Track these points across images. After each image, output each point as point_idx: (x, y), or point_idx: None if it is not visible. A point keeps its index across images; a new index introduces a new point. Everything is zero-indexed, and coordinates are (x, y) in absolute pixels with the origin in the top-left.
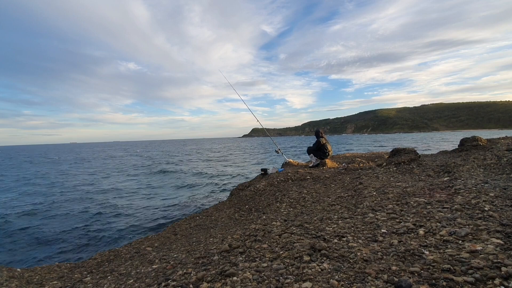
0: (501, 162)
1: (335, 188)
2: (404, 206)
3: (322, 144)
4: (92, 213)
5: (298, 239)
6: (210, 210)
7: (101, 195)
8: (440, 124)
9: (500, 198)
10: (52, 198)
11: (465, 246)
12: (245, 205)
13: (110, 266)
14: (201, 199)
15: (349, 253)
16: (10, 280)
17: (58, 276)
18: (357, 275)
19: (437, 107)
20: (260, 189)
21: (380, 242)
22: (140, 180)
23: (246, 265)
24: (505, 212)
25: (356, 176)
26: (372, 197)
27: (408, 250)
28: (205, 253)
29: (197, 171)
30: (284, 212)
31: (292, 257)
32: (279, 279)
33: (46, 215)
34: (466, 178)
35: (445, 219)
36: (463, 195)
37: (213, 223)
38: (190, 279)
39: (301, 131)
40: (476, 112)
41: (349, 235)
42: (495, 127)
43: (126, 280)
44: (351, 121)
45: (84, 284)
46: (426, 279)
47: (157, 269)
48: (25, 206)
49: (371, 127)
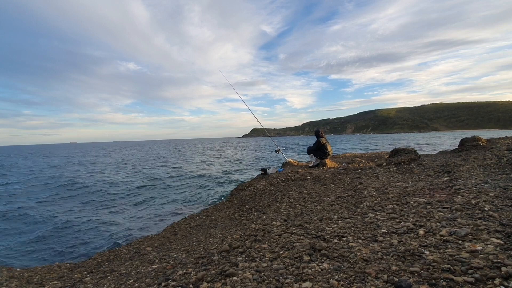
0: (501, 162)
1: (335, 188)
2: (404, 206)
3: (322, 144)
4: (92, 212)
5: (298, 239)
6: (210, 210)
7: (100, 194)
8: (440, 124)
9: (500, 198)
10: (53, 196)
11: (465, 246)
12: (245, 205)
13: (110, 266)
14: (201, 199)
15: (349, 253)
16: (10, 280)
17: (58, 276)
18: (357, 275)
19: (437, 107)
20: (260, 189)
21: (380, 242)
22: (139, 179)
23: (246, 265)
24: (505, 212)
25: (356, 176)
26: (372, 197)
27: (408, 250)
28: (205, 253)
29: (196, 171)
30: (284, 212)
31: (292, 257)
32: (279, 279)
33: (46, 215)
34: (466, 178)
35: (445, 219)
36: (463, 195)
37: (213, 223)
38: (190, 279)
39: (301, 131)
40: (476, 112)
41: (349, 235)
42: (495, 127)
43: (126, 280)
44: (351, 121)
45: (84, 284)
46: (426, 279)
47: (157, 269)
48: (25, 205)
49: (371, 127)
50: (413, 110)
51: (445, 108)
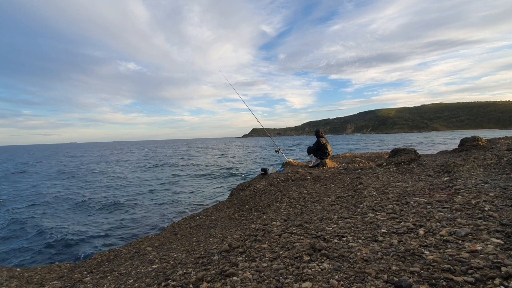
0: (501, 162)
1: (335, 188)
2: (404, 206)
3: (322, 144)
4: (92, 212)
5: (298, 239)
6: (210, 210)
7: (100, 195)
8: (440, 124)
9: (500, 198)
10: (54, 195)
11: (465, 246)
12: (245, 205)
13: (110, 266)
14: (201, 199)
15: (349, 253)
16: (10, 280)
17: (58, 276)
18: (357, 275)
19: (437, 107)
20: (260, 189)
21: (380, 242)
22: (138, 178)
23: (246, 265)
24: (505, 212)
25: (356, 176)
26: (372, 197)
27: (408, 250)
28: (205, 253)
29: (196, 171)
30: (284, 212)
31: (292, 257)
32: (279, 279)
33: (47, 214)
34: (466, 178)
35: (445, 219)
36: (463, 195)
37: (213, 223)
38: (190, 279)
39: (301, 131)
40: (476, 112)
41: (349, 235)
42: (495, 127)
43: (126, 280)
44: (351, 121)
45: (84, 284)
46: (426, 279)
47: (157, 269)
48: (26, 204)
49: (371, 127)
50: (413, 110)
51: (445, 108)
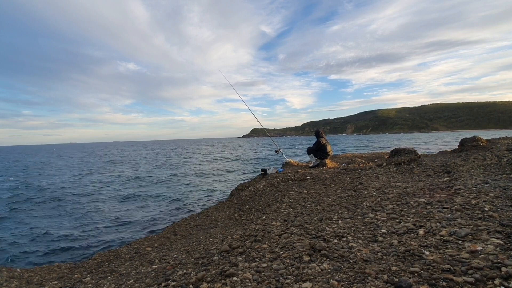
0: (501, 162)
1: (335, 188)
2: (404, 206)
3: (322, 144)
4: (92, 212)
5: (298, 239)
6: (210, 210)
7: (98, 195)
8: (440, 124)
9: (500, 198)
10: (55, 194)
11: (465, 246)
12: (245, 205)
13: (110, 266)
14: (201, 199)
15: (349, 253)
16: (10, 280)
17: (58, 276)
18: (357, 275)
19: (437, 107)
20: (260, 189)
21: (380, 242)
22: (138, 178)
23: (246, 265)
24: (505, 212)
25: (356, 176)
26: (372, 197)
27: (408, 250)
28: (205, 253)
29: (196, 171)
30: (284, 212)
31: (292, 257)
32: (279, 279)
33: (47, 213)
34: (466, 178)
35: (445, 219)
36: (463, 195)
37: (213, 223)
38: (190, 279)
39: (301, 131)
40: (476, 112)
41: (349, 235)
42: (495, 127)
43: (126, 280)
44: (351, 121)
45: (84, 284)
46: (426, 279)
47: (157, 269)
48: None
49: (371, 127)
50: (413, 110)
51: (445, 108)
